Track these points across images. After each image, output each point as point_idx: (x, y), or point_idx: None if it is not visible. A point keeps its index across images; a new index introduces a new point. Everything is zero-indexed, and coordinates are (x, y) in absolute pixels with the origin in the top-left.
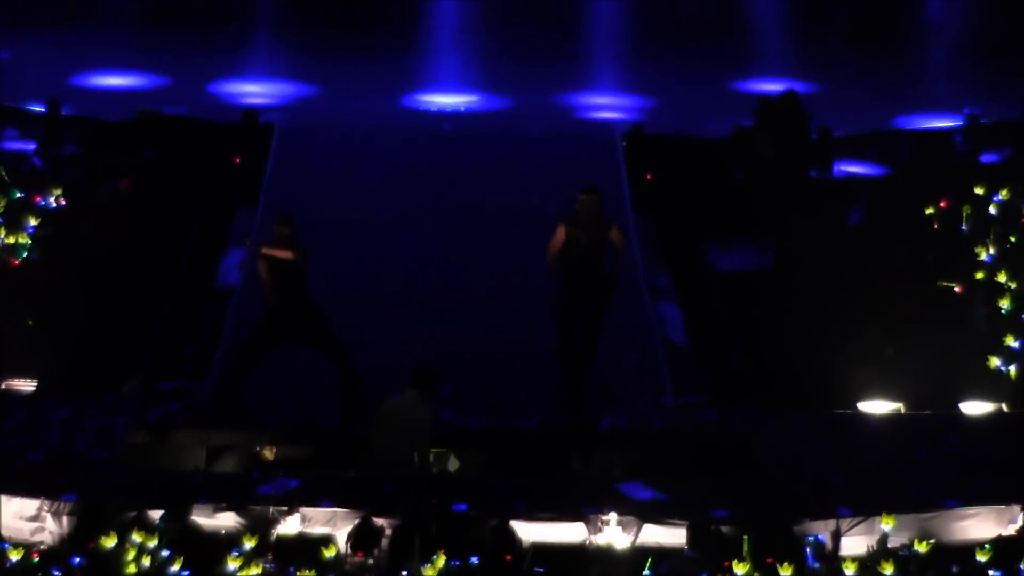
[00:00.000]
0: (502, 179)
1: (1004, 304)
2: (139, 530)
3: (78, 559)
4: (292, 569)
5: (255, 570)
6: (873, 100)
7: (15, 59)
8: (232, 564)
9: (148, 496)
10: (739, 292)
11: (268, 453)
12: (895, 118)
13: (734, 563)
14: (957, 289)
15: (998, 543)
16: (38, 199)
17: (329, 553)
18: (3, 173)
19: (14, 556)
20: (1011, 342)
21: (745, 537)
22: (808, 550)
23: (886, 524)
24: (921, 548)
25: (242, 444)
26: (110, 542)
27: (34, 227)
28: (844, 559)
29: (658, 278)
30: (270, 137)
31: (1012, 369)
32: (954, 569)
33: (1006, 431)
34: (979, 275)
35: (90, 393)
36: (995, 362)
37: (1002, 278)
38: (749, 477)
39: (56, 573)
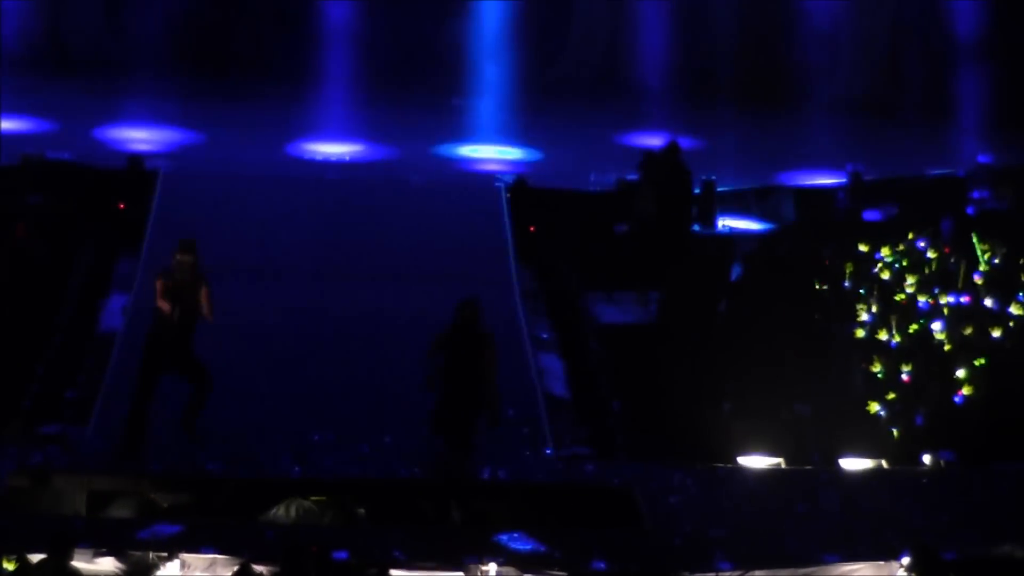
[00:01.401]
0: (385, 229)
1: (877, 368)
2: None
3: None
4: None
5: None
6: (757, 156)
7: None
8: None
9: (28, 539)
10: (620, 345)
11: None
12: (779, 174)
13: None
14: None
15: None
16: None
17: None
18: None
19: None
20: (891, 398)
21: None
22: None
23: None
24: None
25: (125, 490)
26: None
27: None
28: None
29: (540, 330)
30: (154, 183)
31: (895, 430)
32: None
33: (885, 486)
34: (860, 333)
35: None
36: (875, 408)
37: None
38: (629, 530)
39: None
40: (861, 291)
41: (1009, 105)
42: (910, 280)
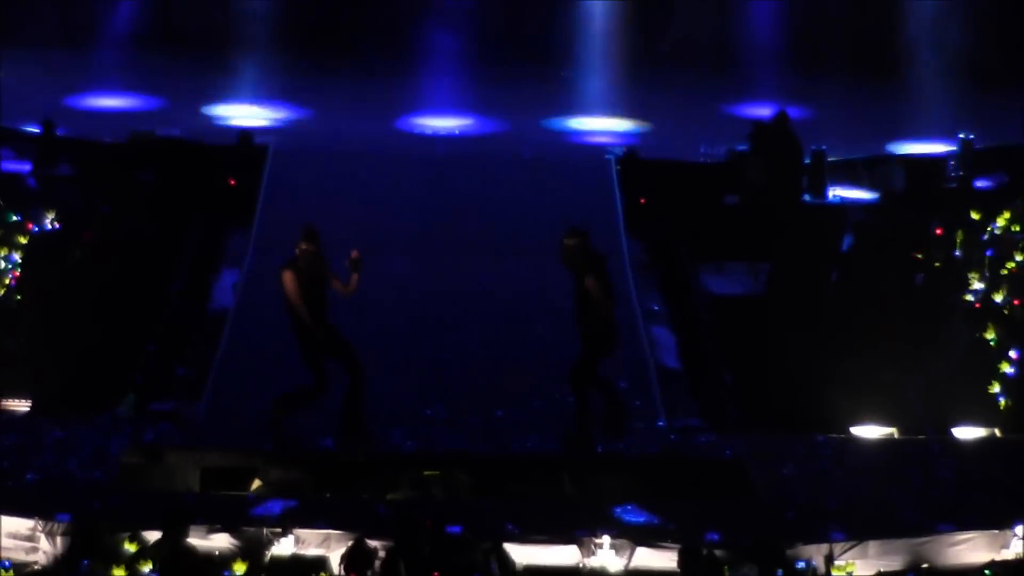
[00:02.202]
0: (495, 202)
1: (990, 335)
2: (133, 550)
3: None
4: None
5: None
6: (867, 125)
7: (10, 80)
8: None
9: (142, 517)
10: (732, 316)
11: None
12: (889, 143)
13: None
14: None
15: (998, 567)
16: (31, 224)
17: (322, 575)
18: None
19: None
20: (1006, 368)
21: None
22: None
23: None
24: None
25: (239, 466)
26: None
27: (28, 250)
28: None
29: (651, 302)
30: (264, 159)
31: (1002, 400)
32: None
33: (998, 456)
34: (971, 300)
35: (84, 414)
36: (988, 377)
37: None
38: (741, 501)
39: None
40: (973, 260)
41: None
42: (1019, 250)
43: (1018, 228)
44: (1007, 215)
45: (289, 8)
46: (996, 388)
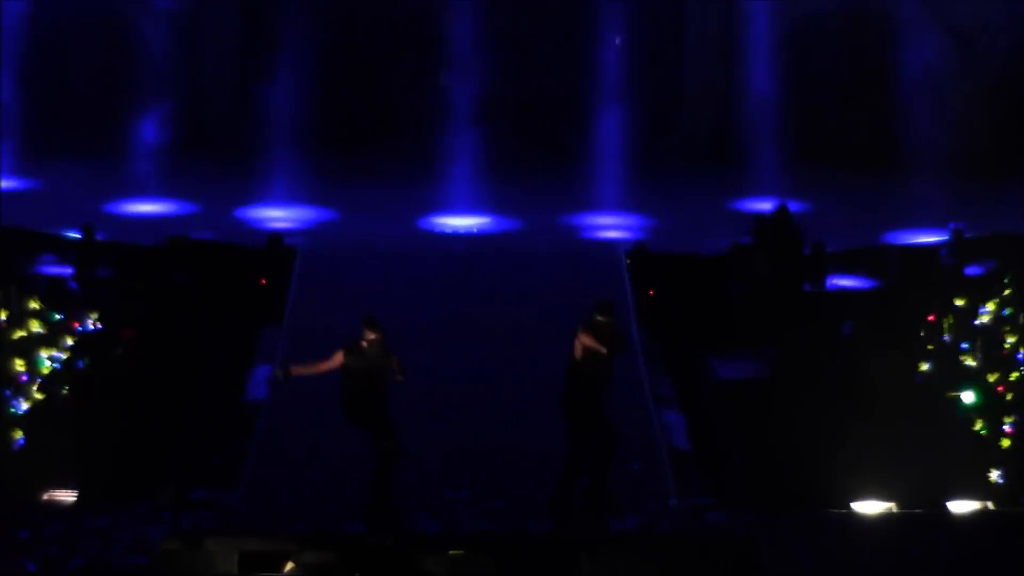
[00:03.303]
0: (511, 295)
1: (979, 425)
2: None
3: None
4: None
5: None
6: (863, 217)
7: (51, 188)
8: None
9: None
10: (739, 399)
11: None
12: (884, 233)
13: None
14: (948, 395)
15: None
16: (75, 324)
17: None
18: (39, 300)
19: None
20: (998, 443)
21: None
22: None
23: None
24: None
25: (275, 551)
26: None
27: (72, 349)
28: None
29: (662, 387)
30: (293, 259)
31: (994, 474)
32: None
33: (992, 527)
34: (964, 386)
35: (126, 503)
36: (980, 453)
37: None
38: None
39: None
40: (964, 344)
41: None
42: (1009, 332)
43: (1010, 311)
44: (996, 301)
45: (316, 117)
46: (988, 463)
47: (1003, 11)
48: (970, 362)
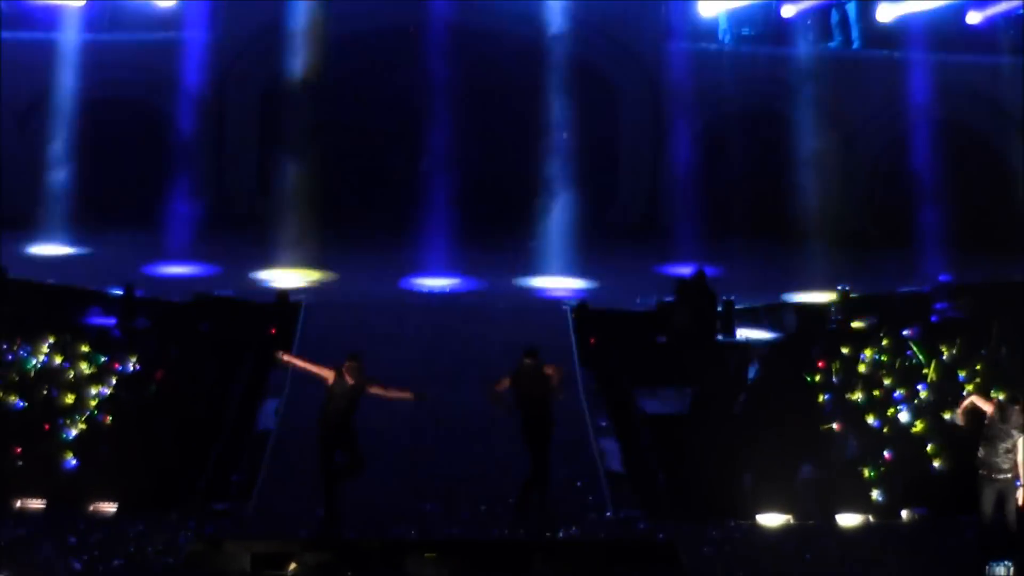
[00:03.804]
0: (478, 342)
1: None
2: None
3: None
4: None
5: None
6: (766, 279)
7: (99, 253)
8: None
9: None
10: (663, 430)
11: None
12: (783, 293)
13: None
14: (836, 426)
15: None
16: (117, 365)
17: None
18: (88, 345)
19: None
20: (877, 469)
21: None
22: None
23: None
24: None
25: (282, 552)
26: None
27: (115, 386)
28: None
29: (600, 419)
30: (298, 312)
31: (879, 492)
32: None
33: (873, 536)
34: (852, 416)
35: (158, 513)
36: (865, 474)
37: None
38: (673, 574)
39: None
40: (848, 385)
41: (962, 234)
42: (885, 375)
43: (886, 358)
44: (874, 349)
45: (315, 198)
46: (869, 482)
47: (882, 112)
48: (855, 398)
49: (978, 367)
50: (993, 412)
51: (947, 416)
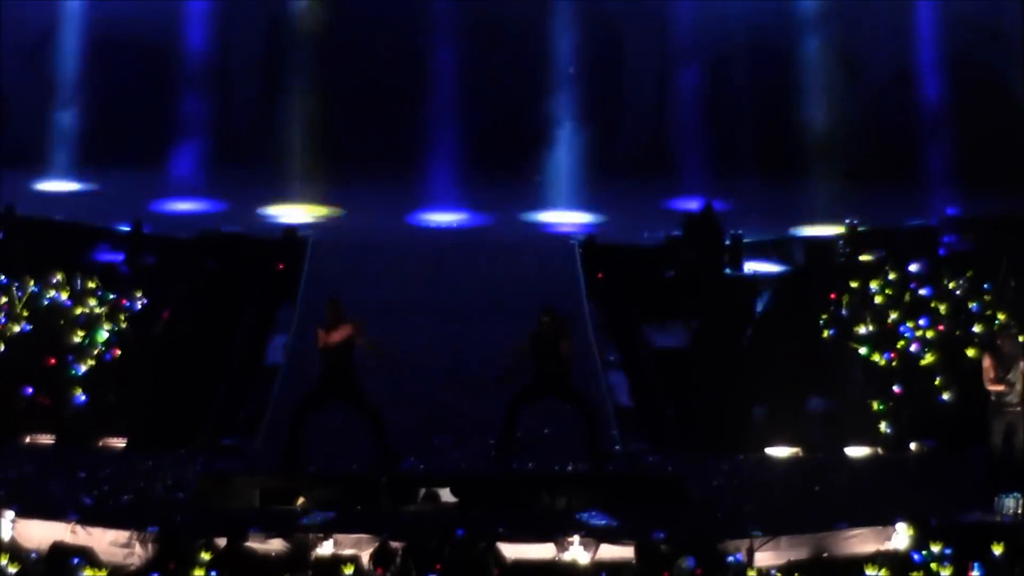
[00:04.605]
0: (485, 278)
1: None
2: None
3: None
4: None
5: None
6: (775, 213)
7: (107, 190)
8: None
9: (214, 527)
10: (671, 364)
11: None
12: (791, 227)
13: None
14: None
15: (882, 556)
16: (124, 301)
17: (348, 571)
18: (96, 282)
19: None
20: (885, 403)
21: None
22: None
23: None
24: None
25: (289, 487)
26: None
27: (124, 322)
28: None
29: (608, 354)
30: (305, 248)
31: (887, 425)
32: None
33: (881, 469)
34: (859, 349)
35: (168, 449)
36: (874, 407)
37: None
38: (681, 507)
39: None
40: (856, 319)
41: (969, 166)
42: (893, 309)
43: (891, 292)
44: (880, 282)
45: (324, 133)
46: (877, 414)
47: (888, 44)
48: (862, 331)
49: (986, 299)
50: (992, 356)
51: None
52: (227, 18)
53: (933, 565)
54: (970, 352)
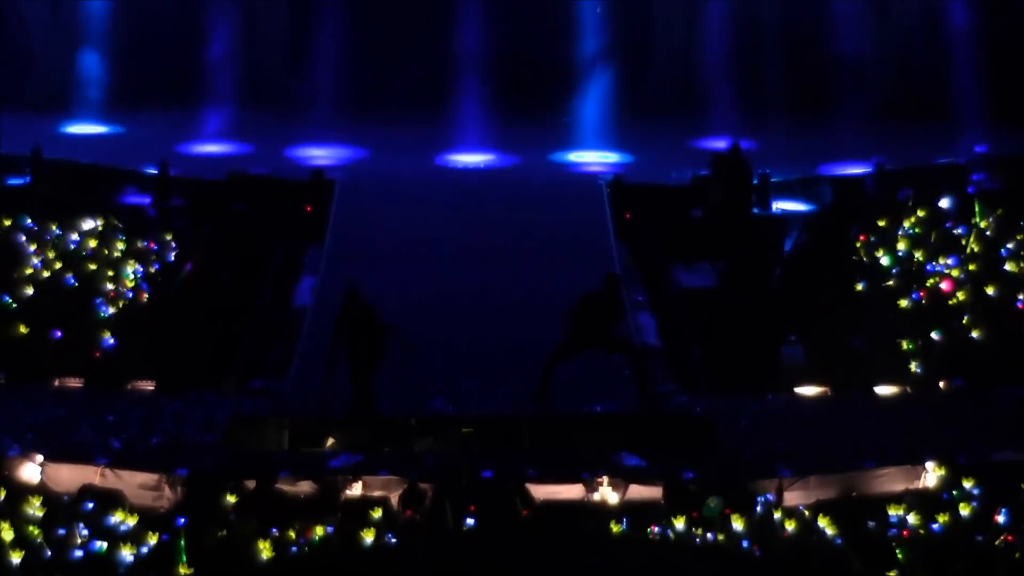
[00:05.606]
0: (514, 220)
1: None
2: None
3: (183, 519)
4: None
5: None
6: (803, 152)
7: (134, 132)
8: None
9: (243, 470)
10: (699, 304)
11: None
12: (820, 166)
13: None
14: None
15: (912, 495)
16: (152, 244)
17: (376, 514)
18: (124, 225)
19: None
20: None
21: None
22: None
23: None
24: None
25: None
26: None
27: (151, 265)
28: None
29: (636, 294)
30: (332, 190)
31: (916, 364)
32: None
33: (910, 408)
34: (889, 285)
35: (196, 391)
36: (903, 347)
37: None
38: (710, 447)
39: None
40: (886, 258)
41: (998, 105)
42: (922, 248)
43: (919, 231)
44: (912, 219)
45: (352, 76)
46: (907, 354)
47: None
48: (892, 270)
49: (1019, 237)
50: None
51: None
52: None
53: (961, 505)
54: (992, 290)
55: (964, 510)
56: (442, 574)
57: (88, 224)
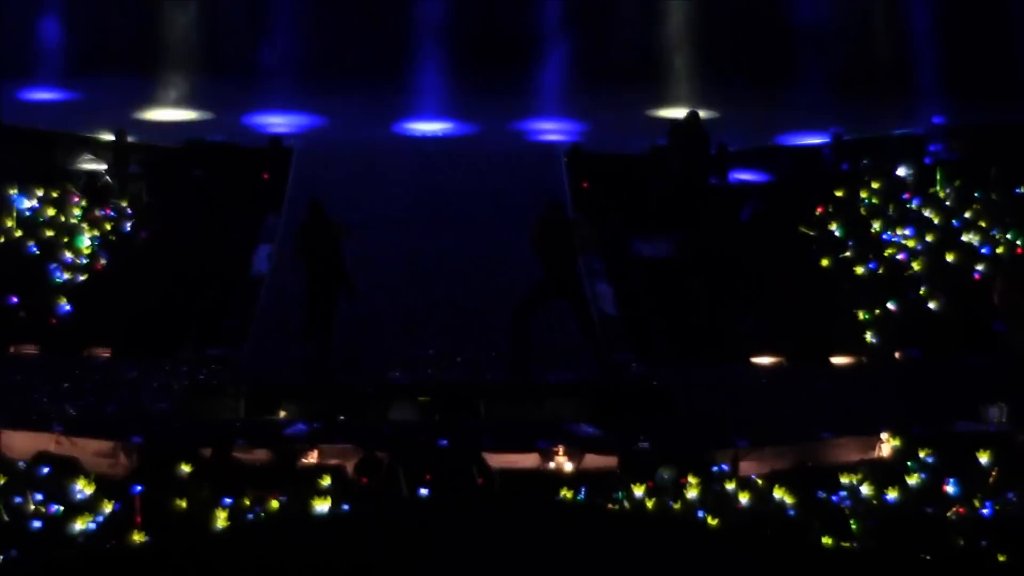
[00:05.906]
0: (471, 188)
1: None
2: (189, 465)
3: (138, 487)
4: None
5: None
6: (760, 122)
7: (90, 98)
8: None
9: (199, 438)
10: (657, 274)
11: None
12: (777, 136)
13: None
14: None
15: (867, 465)
16: (109, 210)
17: (325, 481)
18: (80, 191)
19: (87, 489)
20: (871, 312)
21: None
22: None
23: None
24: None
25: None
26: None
27: (107, 232)
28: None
29: (593, 263)
30: (290, 158)
31: (868, 334)
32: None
33: (865, 378)
34: (845, 255)
35: (152, 358)
36: (860, 316)
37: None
38: (666, 417)
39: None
40: (842, 227)
41: (956, 75)
42: (879, 218)
43: (876, 201)
44: (868, 190)
45: (308, 41)
46: (863, 323)
47: None
48: (848, 242)
49: (976, 207)
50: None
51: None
52: None
53: (912, 476)
54: (951, 258)
55: (912, 479)
56: (396, 542)
57: (45, 191)
